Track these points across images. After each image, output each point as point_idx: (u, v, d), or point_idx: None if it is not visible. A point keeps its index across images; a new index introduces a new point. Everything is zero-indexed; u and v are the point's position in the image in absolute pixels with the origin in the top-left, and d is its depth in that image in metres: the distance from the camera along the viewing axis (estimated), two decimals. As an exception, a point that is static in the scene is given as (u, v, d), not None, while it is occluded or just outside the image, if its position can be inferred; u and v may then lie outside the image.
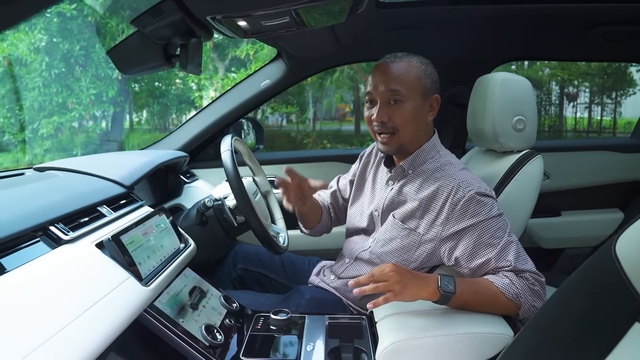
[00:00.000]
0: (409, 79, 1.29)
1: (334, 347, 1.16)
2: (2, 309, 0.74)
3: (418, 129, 1.34)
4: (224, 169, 1.36)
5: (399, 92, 1.28)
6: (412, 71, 1.30)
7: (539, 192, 1.43)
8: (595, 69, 10.84)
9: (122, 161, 1.55)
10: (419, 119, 1.32)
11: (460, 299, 1.13)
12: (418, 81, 1.30)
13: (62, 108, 8.34)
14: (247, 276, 1.67)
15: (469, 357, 1.08)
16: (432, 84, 1.33)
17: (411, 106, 1.29)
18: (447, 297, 1.11)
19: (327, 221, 1.67)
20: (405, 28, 1.91)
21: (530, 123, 1.45)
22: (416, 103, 1.30)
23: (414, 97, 1.29)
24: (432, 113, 1.35)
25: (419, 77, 1.30)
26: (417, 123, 1.32)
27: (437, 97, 1.35)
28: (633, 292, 0.74)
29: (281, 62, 2.06)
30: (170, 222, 1.30)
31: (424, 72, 1.32)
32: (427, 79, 1.32)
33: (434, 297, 1.11)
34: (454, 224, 1.24)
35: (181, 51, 1.10)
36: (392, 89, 1.28)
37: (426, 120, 1.35)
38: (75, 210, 1.08)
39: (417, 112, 1.31)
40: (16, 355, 0.68)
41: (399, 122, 1.30)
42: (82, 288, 0.90)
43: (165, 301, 1.13)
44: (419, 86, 1.30)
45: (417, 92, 1.30)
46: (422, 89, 1.31)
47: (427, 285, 1.11)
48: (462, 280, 1.17)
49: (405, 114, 1.29)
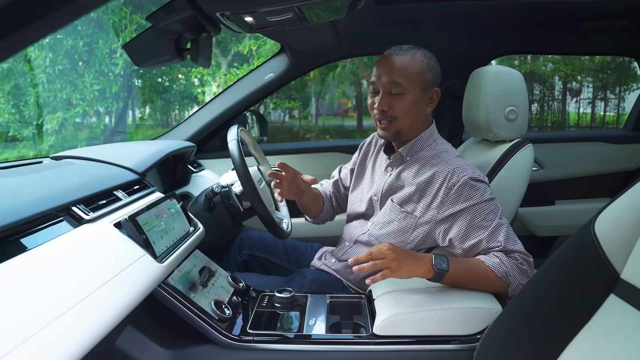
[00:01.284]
0: (411, 72, 1.36)
1: (334, 322, 1.24)
2: (24, 283, 0.78)
3: (416, 119, 1.41)
4: (231, 156, 1.44)
5: (400, 84, 1.35)
6: (414, 65, 1.37)
7: (528, 179, 1.50)
8: (598, 64, 10.79)
9: (134, 150, 1.63)
10: (418, 110, 1.39)
11: (452, 276, 1.20)
12: (419, 75, 1.37)
13: (66, 104, 8.40)
14: (252, 261, 1.75)
15: (460, 330, 1.16)
16: (433, 77, 1.40)
17: (411, 98, 1.37)
18: (441, 274, 1.18)
19: (329, 210, 1.75)
20: (402, 23, 1.98)
21: (521, 113, 1.52)
22: (416, 95, 1.37)
23: (414, 89, 1.36)
24: (432, 105, 1.42)
25: (421, 70, 1.37)
26: (415, 113, 1.39)
27: (437, 91, 1.41)
28: (609, 265, 0.81)
29: (284, 56, 2.14)
30: (181, 207, 1.38)
31: (427, 66, 1.38)
32: (429, 72, 1.38)
33: (429, 275, 1.18)
34: (448, 207, 1.31)
35: (192, 45, 1.18)
36: (393, 80, 1.36)
37: (425, 112, 1.42)
38: (94, 193, 1.16)
39: (416, 104, 1.38)
40: (36, 325, 0.72)
41: (398, 112, 1.37)
42: (101, 263, 0.97)
43: (177, 278, 1.22)
44: (420, 79, 1.37)
45: (418, 85, 1.37)
46: (422, 82, 1.37)
47: (422, 264, 1.18)
48: (455, 259, 1.24)
49: (404, 104, 1.37)
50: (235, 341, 1.16)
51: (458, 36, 2.07)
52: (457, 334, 1.16)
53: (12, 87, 8.17)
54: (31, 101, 8.21)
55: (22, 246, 0.87)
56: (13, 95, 8.21)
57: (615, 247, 0.81)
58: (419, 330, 1.16)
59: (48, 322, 0.74)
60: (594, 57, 10.51)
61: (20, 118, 8.24)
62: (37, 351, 0.69)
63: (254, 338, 1.17)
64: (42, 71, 8.04)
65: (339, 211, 1.79)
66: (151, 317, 1.20)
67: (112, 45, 8.29)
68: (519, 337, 0.94)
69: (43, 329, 0.72)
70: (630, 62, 10.25)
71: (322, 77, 10.44)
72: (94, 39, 8.31)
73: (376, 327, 1.17)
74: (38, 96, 8.15)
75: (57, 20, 0.40)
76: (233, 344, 1.16)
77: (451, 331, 1.16)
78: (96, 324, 0.83)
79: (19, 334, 0.68)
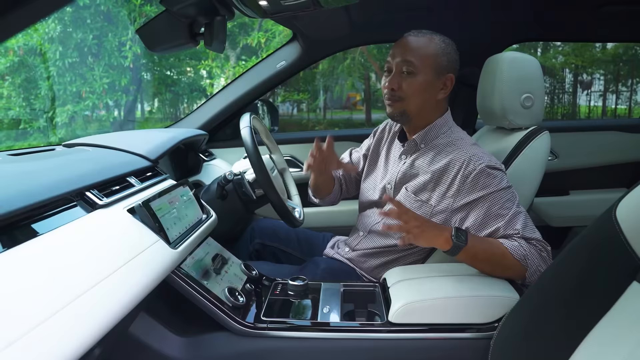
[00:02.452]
0: (425, 53, 1.34)
1: (348, 310, 1.23)
2: (38, 267, 0.78)
3: (425, 102, 1.38)
4: (244, 143, 1.43)
5: (412, 63, 1.34)
6: (430, 46, 1.35)
7: (545, 167, 1.48)
8: (609, 56, 10.66)
9: (146, 137, 1.62)
10: (428, 93, 1.37)
11: (470, 252, 1.19)
12: (434, 57, 1.35)
13: (76, 97, 8.45)
14: (264, 250, 1.74)
15: (476, 318, 1.15)
16: (448, 62, 1.37)
17: (421, 79, 1.35)
18: (459, 247, 1.18)
19: (337, 192, 1.73)
20: (416, 9, 1.96)
21: (538, 100, 1.50)
22: (427, 77, 1.35)
23: (426, 71, 1.35)
24: (445, 91, 1.39)
25: (436, 53, 1.35)
26: (424, 96, 1.37)
27: (451, 77, 1.38)
28: (631, 252, 0.79)
29: (296, 43, 2.12)
30: (193, 195, 1.37)
31: (442, 50, 1.36)
32: (444, 57, 1.36)
33: (446, 246, 1.18)
34: (464, 195, 1.29)
35: (205, 30, 1.16)
36: (406, 59, 1.34)
37: (436, 97, 1.39)
38: (107, 179, 1.15)
39: (426, 86, 1.36)
40: (50, 309, 0.71)
41: (407, 92, 1.36)
42: (115, 248, 0.96)
43: (191, 265, 1.21)
44: (433, 62, 1.35)
45: (430, 67, 1.35)
46: (435, 65, 1.35)
47: (441, 234, 1.18)
48: (475, 236, 1.24)
49: (414, 84, 1.35)
50: (250, 328, 1.15)
51: (472, 23, 2.04)
52: (473, 322, 1.15)
53: (23, 80, 8.23)
54: (42, 94, 8.27)
55: (36, 230, 0.87)
56: (24, 89, 8.27)
57: (638, 234, 0.78)
58: (435, 318, 1.15)
59: (62, 306, 0.73)
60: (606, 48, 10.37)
61: (31, 111, 8.30)
62: (50, 335, 0.68)
63: (268, 325, 1.16)
64: (52, 64, 8.10)
65: (346, 195, 1.77)
66: (164, 304, 1.20)
67: (122, 38, 8.32)
68: (538, 326, 0.93)
69: (57, 313, 0.72)
70: (643, 53, 10.13)
71: (331, 70, 10.41)
72: (104, 32, 8.34)
73: (391, 315, 1.15)
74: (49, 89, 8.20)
75: None
76: (247, 331, 1.15)
77: (468, 319, 1.15)
78: (110, 309, 0.82)
79: (32, 319, 0.68)
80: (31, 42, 8.06)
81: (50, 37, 8.11)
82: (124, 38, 8.31)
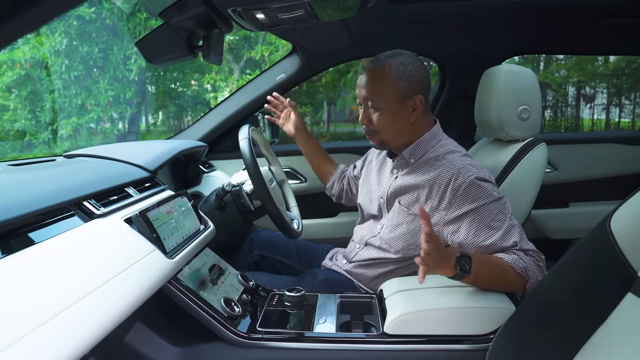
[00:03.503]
0: (382, 86, 1.35)
1: (345, 321, 1.23)
2: (34, 275, 0.78)
3: (399, 131, 1.39)
4: (242, 154, 1.44)
5: (373, 100, 1.36)
6: (385, 78, 1.34)
7: (542, 178, 1.48)
8: (612, 70, 10.67)
9: (145, 148, 1.64)
10: (398, 122, 1.37)
11: (473, 276, 1.15)
12: (392, 87, 1.34)
13: (81, 109, 8.52)
14: (262, 262, 1.75)
15: (472, 329, 1.14)
16: (412, 85, 1.34)
17: (387, 112, 1.36)
18: (461, 276, 1.13)
19: (338, 182, 1.80)
20: (414, 23, 1.98)
21: (534, 112, 1.51)
22: (392, 108, 1.36)
23: (388, 104, 1.35)
24: (417, 112, 1.37)
25: (394, 81, 1.33)
26: (395, 126, 1.38)
27: (420, 97, 1.35)
28: (626, 263, 0.79)
29: (296, 56, 2.14)
30: (192, 206, 1.38)
31: (401, 75, 1.33)
32: (404, 82, 1.33)
33: (449, 274, 1.13)
34: (456, 208, 1.29)
35: (204, 42, 1.19)
36: (366, 97, 1.37)
37: (409, 121, 1.37)
38: (105, 189, 1.16)
39: (394, 117, 1.36)
40: (44, 316, 0.72)
41: (378, 126, 1.38)
42: (111, 257, 0.97)
43: (187, 275, 1.21)
44: (393, 92, 1.34)
45: (392, 98, 1.34)
46: (397, 94, 1.34)
47: (446, 263, 1.11)
48: (477, 259, 1.16)
49: (382, 120, 1.37)
50: (245, 339, 1.15)
51: (470, 36, 2.05)
52: (469, 334, 1.14)
53: (29, 93, 8.30)
54: (47, 107, 8.34)
55: (33, 239, 0.88)
56: (30, 101, 8.34)
57: (632, 245, 0.79)
58: (431, 330, 1.14)
59: (57, 313, 0.74)
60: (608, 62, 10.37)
61: (36, 123, 8.37)
62: (45, 341, 0.69)
63: (263, 336, 1.16)
64: (58, 77, 8.18)
65: (349, 195, 1.81)
66: (160, 314, 1.20)
67: (127, 52, 8.41)
68: (533, 337, 0.93)
69: (51, 320, 0.72)
70: (645, 66, 10.13)
71: (334, 83, 10.45)
72: (109, 46, 8.43)
73: (387, 326, 1.15)
74: (54, 102, 8.27)
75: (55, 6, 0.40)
76: (242, 341, 1.15)
77: (463, 331, 1.14)
78: (104, 317, 0.83)
79: (27, 325, 0.68)
80: (37, 55, 8.15)
81: (56, 50, 8.21)
82: (129, 51, 8.40)
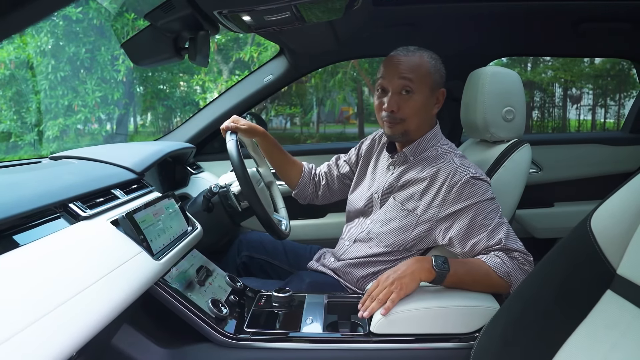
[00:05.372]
0: (421, 72, 1.38)
1: (332, 321, 1.24)
2: (19, 277, 0.78)
3: (423, 120, 1.43)
4: (229, 155, 1.44)
5: (410, 85, 1.37)
6: (423, 65, 1.38)
7: (526, 179, 1.50)
8: (598, 71, 10.82)
9: (132, 150, 1.63)
10: (426, 110, 1.41)
11: (454, 277, 1.19)
12: (428, 75, 1.39)
13: (68, 110, 8.43)
14: (251, 263, 1.75)
15: (458, 328, 1.16)
16: (440, 78, 1.43)
17: (420, 98, 1.38)
18: (443, 275, 1.18)
19: (309, 184, 1.76)
20: (401, 25, 1.99)
21: (519, 113, 1.53)
22: (425, 95, 1.39)
23: (423, 89, 1.38)
24: (438, 105, 1.45)
25: (430, 71, 1.39)
26: (423, 114, 1.41)
27: (443, 91, 1.44)
28: (605, 262, 0.81)
29: (283, 58, 2.15)
30: (179, 207, 1.38)
31: (434, 67, 1.40)
32: (437, 73, 1.41)
33: (430, 276, 1.18)
34: (449, 205, 1.32)
35: (190, 44, 1.19)
36: (404, 80, 1.37)
37: (431, 112, 1.44)
38: (92, 191, 1.16)
39: (424, 105, 1.40)
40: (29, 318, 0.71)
41: (407, 113, 1.39)
42: (97, 259, 0.97)
43: (175, 277, 1.21)
44: (429, 80, 1.39)
45: (427, 85, 1.38)
46: (431, 83, 1.39)
47: (422, 267, 1.18)
48: (455, 260, 1.24)
49: (414, 105, 1.38)
50: (232, 339, 1.16)
51: (456, 38, 2.08)
52: (454, 332, 1.16)
53: (14, 94, 8.21)
54: (33, 108, 8.25)
55: (18, 241, 0.87)
56: (15, 102, 8.24)
57: (611, 243, 0.80)
58: (417, 329, 1.16)
59: (42, 315, 0.74)
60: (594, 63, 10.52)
61: (21, 125, 8.27)
62: (30, 343, 0.69)
63: (250, 337, 1.17)
64: (44, 78, 8.08)
65: (328, 197, 1.79)
66: (148, 316, 1.20)
67: (115, 52, 8.34)
68: (517, 334, 0.94)
69: (36, 322, 0.72)
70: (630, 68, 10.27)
71: (324, 84, 10.46)
72: (96, 46, 8.36)
73: (373, 326, 1.16)
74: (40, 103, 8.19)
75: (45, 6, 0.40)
76: (230, 342, 1.15)
77: (449, 329, 1.16)
78: (90, 319, 0.83)
79: (11, 327, 0.68)
80: (23, 56, 8.06)
81: (42, 50, 8.12)
82: (117, 52, 8.33)
